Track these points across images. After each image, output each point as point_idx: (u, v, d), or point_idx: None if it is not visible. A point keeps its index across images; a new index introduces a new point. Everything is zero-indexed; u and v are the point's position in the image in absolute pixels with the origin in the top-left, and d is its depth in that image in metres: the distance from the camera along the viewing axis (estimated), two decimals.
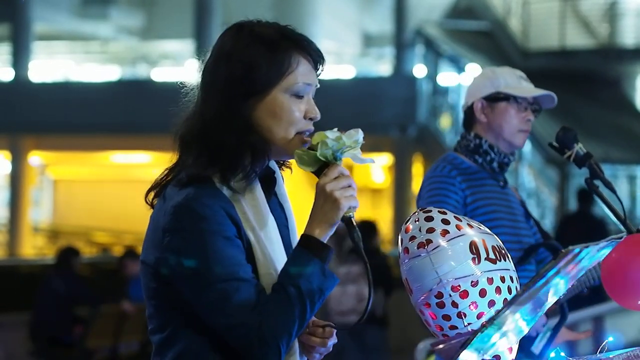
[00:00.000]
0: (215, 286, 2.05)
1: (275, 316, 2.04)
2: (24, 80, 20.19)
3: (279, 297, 2.06)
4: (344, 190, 2.10)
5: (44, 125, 19.49)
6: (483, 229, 2.19)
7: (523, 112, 3.48)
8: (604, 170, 3.23)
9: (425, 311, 2.14)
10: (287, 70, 2.17)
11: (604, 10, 18.52)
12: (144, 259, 2.18)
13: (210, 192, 2.10)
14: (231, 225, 2.10)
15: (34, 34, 20.79)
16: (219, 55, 2.20)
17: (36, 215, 22.95)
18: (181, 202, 2.09)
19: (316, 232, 2.10)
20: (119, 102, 18.73)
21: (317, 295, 2.08)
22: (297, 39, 2.20)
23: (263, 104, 2.16)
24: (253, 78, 2.15)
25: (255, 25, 2.22)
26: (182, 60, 22.58)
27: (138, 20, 24.49)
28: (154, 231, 2.15)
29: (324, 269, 2.09)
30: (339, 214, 2.10)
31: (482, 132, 3.50)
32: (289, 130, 2.17)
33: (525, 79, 3.53)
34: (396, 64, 18.51)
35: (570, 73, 18.38)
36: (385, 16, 20.49)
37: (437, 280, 2.11)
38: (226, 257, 2.07)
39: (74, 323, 9.83)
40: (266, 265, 2.14)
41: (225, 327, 2.06)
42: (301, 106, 2.19)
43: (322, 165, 2.13)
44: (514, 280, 2.16)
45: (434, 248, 2.12)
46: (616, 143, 17.31)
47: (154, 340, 2.18)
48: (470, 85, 3.58)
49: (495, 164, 3.49)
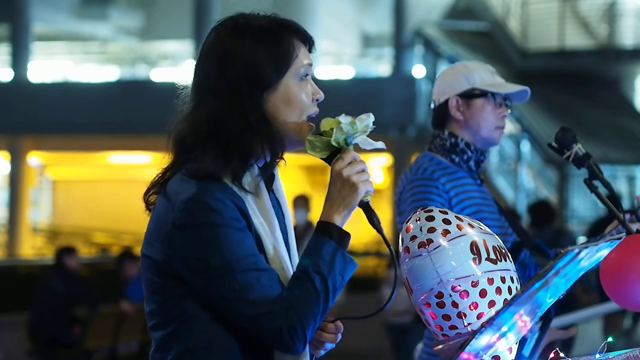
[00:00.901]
0: (235, 277, 2.05)
1: (302, 303, 2.05)
2: (23, 80, 20.19)
3: (303, 284, 2.06)
4: (360, 174, 2.12)
5: (43, 125, 19.50)
6: (484, 228, 2.19)
7: (499, 108, 3.40)
8: (603, 171, 3.22)
9: (425, 311, 2.14)
10: (293, 56, 2.19)
11: (603, 10, 18.53)
12: (148, 254, 2.16)
13: (220, 187, 2.10)
14: (242, 219, 2.10)
15: (33, 35, 20.79)
16: (217, 54, 2.19)
17: (35, 216, 22.96)
18: (192, 197, 2.08)
19: (335, 218, 2.12)
20: (118, 103, 18.74)
21: (339, 281, 2.09)
22: (291, 25, 2.23)
23: (277, 95, 2.18)
24: (264, 74, 2.16)
25: (250, 19, 2.23)
26: (181, 60, 22.59)
27: (137, 21, 24.49)
28: (159, 226, 2.13)
29: (345, 254, 2.10)
30: (357, 198, 2.11)
31: (457, 130, 3.41)
32: (302, 115, 2.20)
33: (497, 73, 3.45)
34: (395, 64, 18.53)
35: (569, 73, 18.39)
36: (384, 16, 20.49)
37: (438, 280, 2.11)
38: (243, 248, 2.07)
39: (72, 323, 9.84)
40: (275, 260, 2.14)
41: (251, 317, 2.06)
42: (307, 88, 2.21)
43: (333, 151, 2.14)
44: (515, 281, 2.16)
45: (434, 248, 2.12)
46: (615, 143, 17.32)
47: (156, 336, 2.17)
48: (441, 81, 3.46)
49: (472, 162, 3.42)
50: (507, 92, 3.41)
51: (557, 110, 17.03)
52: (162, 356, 2.15)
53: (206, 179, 2.10)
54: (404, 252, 2.16)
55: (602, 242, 2.10)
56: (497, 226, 3.40)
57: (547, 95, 16.66)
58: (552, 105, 16.94)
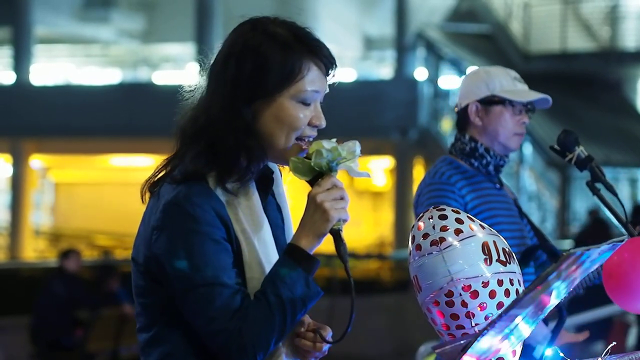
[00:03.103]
0: (199, 289, 2.04)
1: (254, 324, 2.03)
2: (25, 83, 20.20)
3: (259, 304, 2.04)
4: (335, 202, 2.07)
5: (45, 128, 19.50)
6: (492, 231, 2.19)
7: (518, 115, 3.41)
8: (605, 173, 3.22)
9: (433, 309, 2.14)
10: (297, 77, 2.13)
11: (605, 13, 18.52)
12: (135, 257, 2.16)
13: (202, 191, 2.08)
14: (221, 226, 2.08)
15: (35, 37, 20.80)
16: (230, 51, 2.16)
17: (37, 219, 22.95)
18: (172, 200, 2.07)
19: (302, 242, 2.08)
20: (120, 105, 18.74)
21: (299, 306, 2.06)
22: (310, 44, 2.16)
23: (267, 108, 2.13)
24: (261, 81, 2.12)
25: (270, 23, 2.17)
26: (183, 63, 22.58)
27: (139, 24, 24.50)
28: (144, 229, 2.14)
29: (308, 279, 2.07)
30: (328, 225, 2.08)
31: (476, 135, 3.43)
32: (290, 136, 2.14)
33: (519, 79, 3.45)
34: (397, 67, 18.53)
35: (571, 76, 18.39)
36: (386, 19, 20.49)
37: (449, 279, 2.10)
38: (212, 261, 2.05)
39: (74, 326, 9.83)
40: (255, 269, 2.12)
41: (205, 331, 2.06)
42: (307, 112, 2.15)
43: (316, 174, 2.10)
44: (521, 284, 2.16)
45: (447, 246, 2.12)
46: (617, 146, 17.32)
47: (140, 339, 2.18)
48: (463, 85, 3.48)
49: (491, 167, 3.45)
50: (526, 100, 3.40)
51: (559, 112, 17.01)
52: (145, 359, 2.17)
53: (188, 179, 2.09)
54: (414, 250, 2.16)
55: (605, 245, 2.10)
56: (515, 230, 3.41)
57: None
58: (554, 107, 16.84)
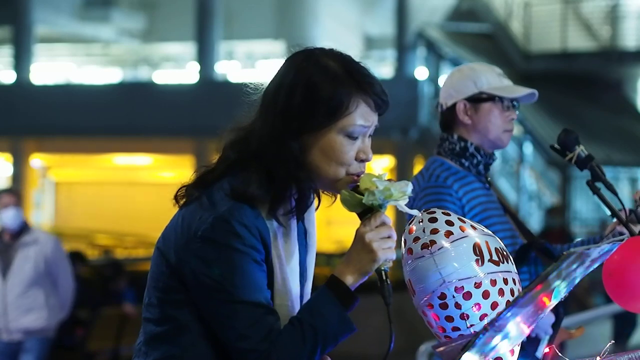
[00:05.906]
0: (235, 305, 2.06)
1: (284, 349, 2.05)
2: (25, 82, 20.21)
3: (293, 331, 2.06)
4: (383, 241, 2.08)
5: (46, 127, 19.51)
6: (486, 231, 2.19)
7: (507, 111, 3.37)
8: (605, 173, 3.22)
9: (428, 312, 2.14)
10: (345, 112, 2.13)
11: (606, 12, 18.51)
12: (162, 249, 2.17)
13: (251, 212, 2.10)
14: (262, 250, 2.10)
15: (35, 37, 20.82)
16: (281, 82, 2.16)
17: (38, 218, 22.96)
18: (222, 215, 2.08)
19: (347, 278, 2.09)
20: (120, 105, 18.75)
21: (331, 340, 2.07)
22: (362, 80, 2.17)
23: (315, 142, 2.13)
24: (309, 114, 2.12)
25: (324, 55, 2.18)
26: (184, 62, 22.60)
27: (139, 23, 24.51)
28: (182, 229, 2.14)
29: (344, 316, 2.08)
30: (374, 265, 2.09)
31: (465, 134, 3.38)
32: (339, 171, 2.15)
33: (503, 75, 3.41)
34: (398, 66, 18.54)
35: (572, 75, 18.39)
36: (386, 19, 20.50)
37: (441, 281, 2.11)
38: (251, 280, 2.07)
39: (75, 325, 9.82)
40: (283, 296, 2.15)
41: (234, 347, 2.07)
42: (354, 147, 2.16)
43: (365, 209, 2.11)
44: (516, 283, 2.16)
45: (438, 249, 2.12)
46: (618, 145, 17.32)
47: (147, 329, 2.20)
48: (448, 84, 3.43)
49: (481, 166, 3.40)
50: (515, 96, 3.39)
51: (560, 112, 17.02)
52: (146, 351, 2.18)
53: (242, 200, 2.10)
54: (406, 254, 2.17)
55: (605, 244, 2.10)
56: (506, 229, 3.40)
57: (550, 97, 16.64)
58: (555, 107, 16.93)
